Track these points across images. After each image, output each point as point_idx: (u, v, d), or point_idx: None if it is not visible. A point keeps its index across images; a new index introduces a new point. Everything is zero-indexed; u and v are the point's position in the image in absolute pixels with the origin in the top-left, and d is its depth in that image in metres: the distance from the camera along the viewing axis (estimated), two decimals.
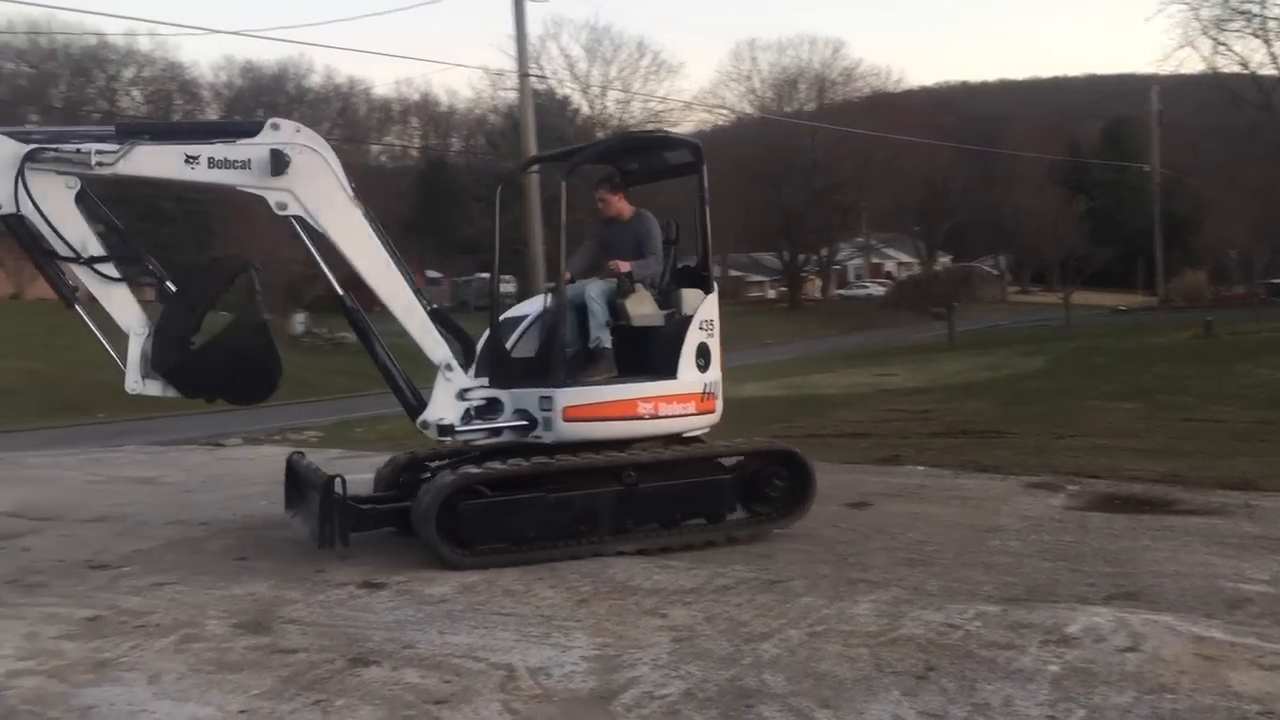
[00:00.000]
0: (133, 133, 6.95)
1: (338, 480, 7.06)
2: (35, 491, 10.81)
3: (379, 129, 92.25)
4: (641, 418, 7.63)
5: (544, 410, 7.42)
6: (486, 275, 8.80)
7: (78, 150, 6.71)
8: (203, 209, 65.28)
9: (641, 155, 8.87)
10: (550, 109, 56.64)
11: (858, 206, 70.68)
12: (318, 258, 7.26)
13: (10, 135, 6.71)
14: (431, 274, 66.53)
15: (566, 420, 7.38)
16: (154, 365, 6.93)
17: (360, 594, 6.41)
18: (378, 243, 7.33)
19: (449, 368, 7.49)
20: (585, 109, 64.93)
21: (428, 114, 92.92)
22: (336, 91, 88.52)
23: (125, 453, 15.64)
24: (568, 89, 63.95)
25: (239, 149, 6.97)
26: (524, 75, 26.32)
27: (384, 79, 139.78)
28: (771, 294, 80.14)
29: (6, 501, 9.99)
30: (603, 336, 7.69)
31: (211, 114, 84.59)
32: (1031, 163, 63.55)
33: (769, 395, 22.29)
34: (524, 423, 7.49)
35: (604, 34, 64.91)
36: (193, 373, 7.03)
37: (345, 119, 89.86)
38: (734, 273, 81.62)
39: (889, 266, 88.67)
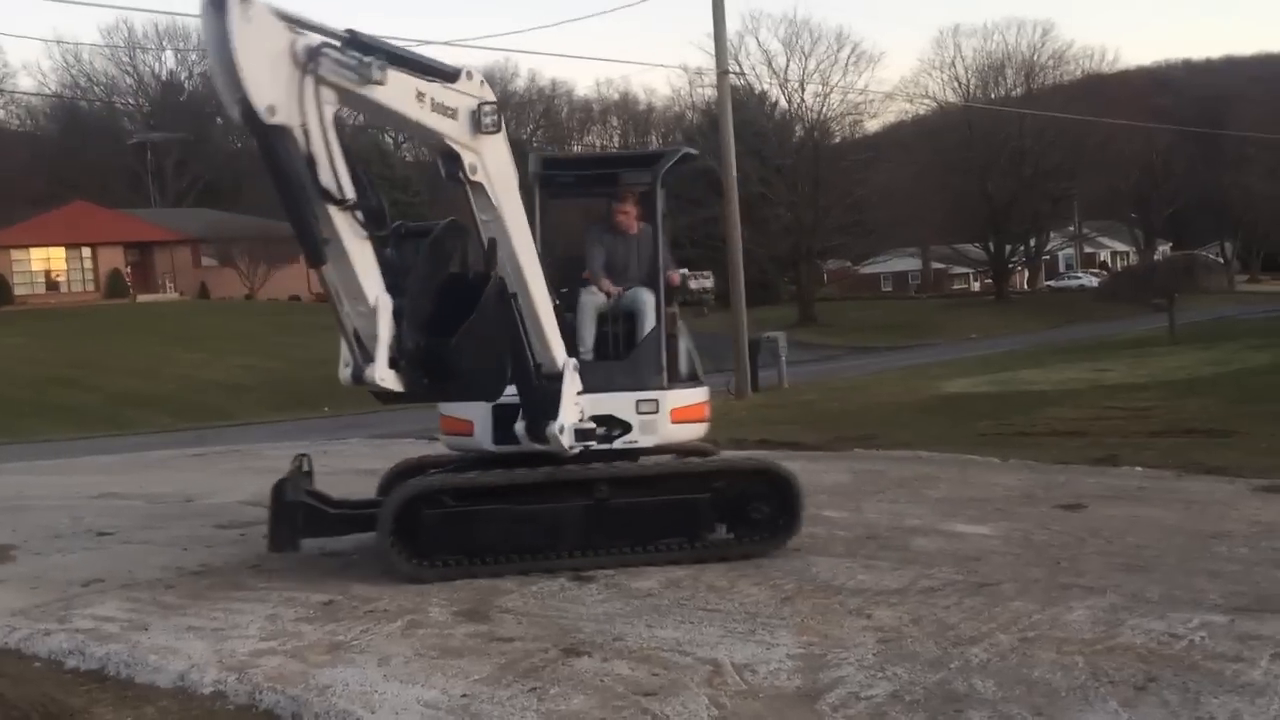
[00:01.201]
0: (369, 49, 5.57)
1: (289, 485, 7.03)
2: (271, 482, 11.55)
3: (580, 129, 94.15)
4: (705, 421, 7.82)
5: (644, 413, 7.34)
6: (684, 271, 8.36)
7: (359, 60, 5.44)
8: (416, 211, 68.25)
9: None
10: (748, 104, 56.60)
11: (1069, 194, 67.88)
12: (481, 236, 6.49)
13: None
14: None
15: (673, 423, 7.42)
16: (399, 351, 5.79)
17: (570, 586, 6.62)
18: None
19: (575, 369, 7.10)
20: (783, 103, 64.58)
21: (627, 113, 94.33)
22: (540, 94, 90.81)
23: (350, 445, 16.52)
24: (765, 84, 63.73)
25: (452, 95, 6.06)
26: (723, 72, 26.38)
27: (585, 81, 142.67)
28: (976, 286, 77.86)
29: (247, 491, 10.72)
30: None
31: None
32: (1262, 144, 59.62)
33: (975, 391, 21.73)
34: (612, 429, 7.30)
35: (802, 27, 64.71)
36: (444, 362, 5.92)
37: (548, 120, 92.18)
38: (936, 265, 79.73)
39: (1103, 256, 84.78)
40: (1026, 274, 77.72)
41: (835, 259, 75.52)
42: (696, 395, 7.82)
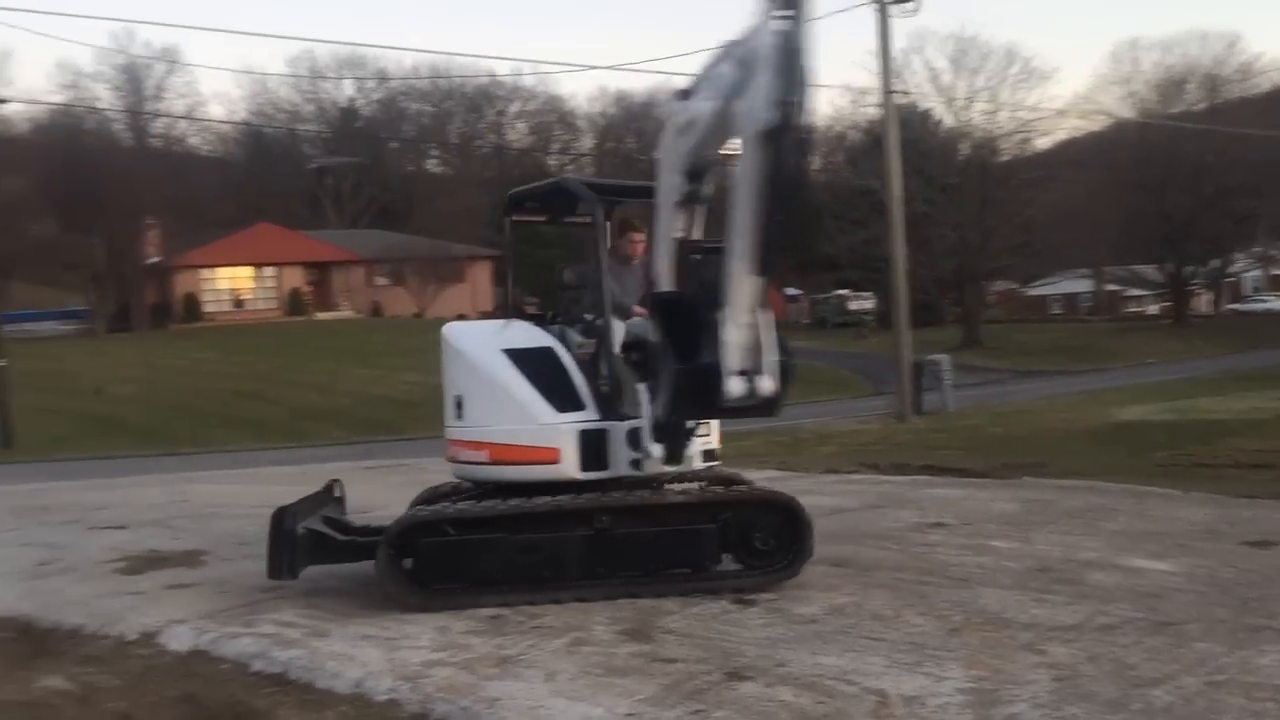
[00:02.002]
0: None
1: (288, 513, 6.98)
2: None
3: None
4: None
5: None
6: (844, 292, 8.13)
7: None
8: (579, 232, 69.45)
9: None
10: (912, 123, 55.63)
11: (1254, 214, 64.45)
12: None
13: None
14: (791, 291, 67.16)
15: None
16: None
17: (733, 609, 6.62)
18: None
19: None
20: (949, 121, 63.29)
21: None
22: None
23: None
24: (931, 102, 62.57)
25: None
26: (888, 92, 26.10)
27: None
28: (1153, 309, 74.57)
29: None
30: None
31: (586, 143, 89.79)
32: None
33: (1151, 419, 20.83)
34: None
35: (970, 44, 62.76)
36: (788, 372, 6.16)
37: None
38: (1109, 287, 76.72)
39: None
40: (1209, 297, 74.09)
41: (1002, 280, 73.47)
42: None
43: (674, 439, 6.75)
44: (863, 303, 65.48)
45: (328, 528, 7.31)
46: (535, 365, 7.18)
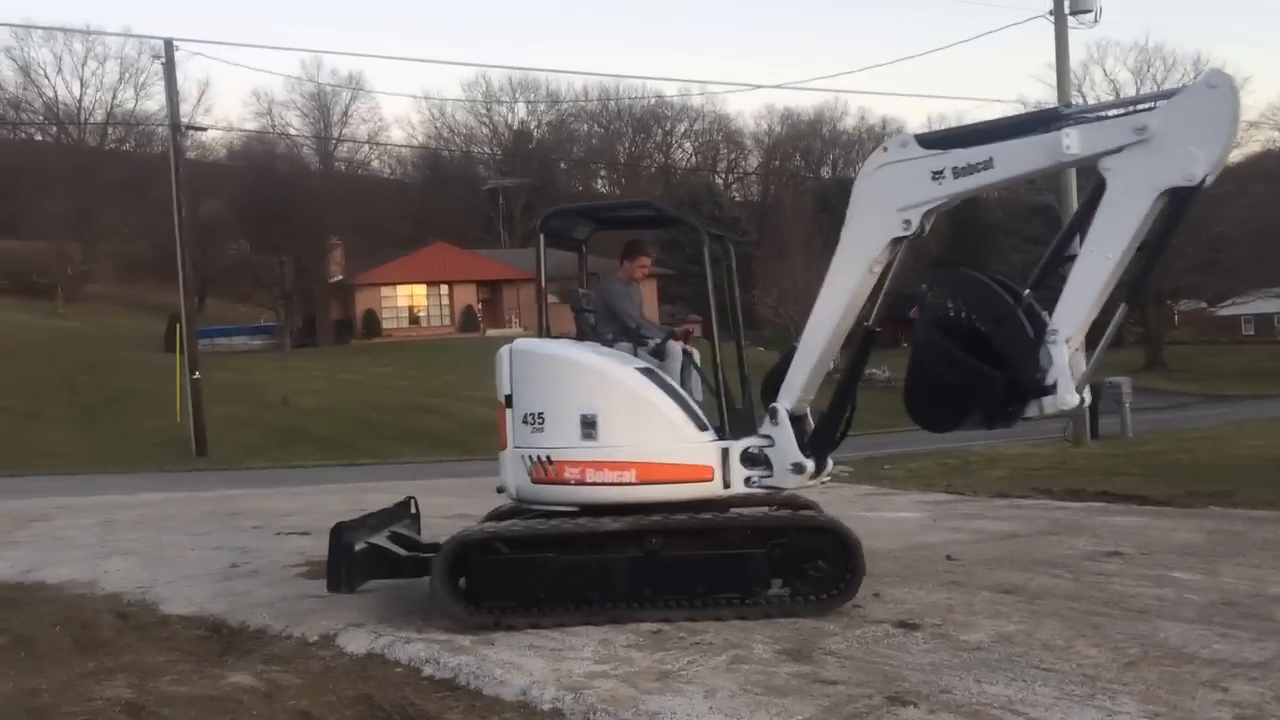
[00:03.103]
0: None
1: (347, 528, 7.05)
2: None
3: None
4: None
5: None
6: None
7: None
8: (743, 251, 69.43)
9: None
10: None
11: None
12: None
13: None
14: None
15: None
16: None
17: (896, 633, 6.53)
18: None
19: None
20: None
21: None
22: (869, 133, 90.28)
23: None
24: None
25: None
26: (1065, 105, 25.28)
27: (917, 117, 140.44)
28: None
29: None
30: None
31: (752, 162, 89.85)
32: None
33: None
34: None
35: (1155, 54, 60.54)
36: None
37: None
38: None
39: None
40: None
41: (1188, 299, 70.12)
42: None
43: (826, 452, 6.99)
44: None
45: (393, 544, 7.47)
46: (662, 384, 7.24)
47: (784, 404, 7.09)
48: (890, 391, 8.00)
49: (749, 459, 7.07)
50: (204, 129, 66.37)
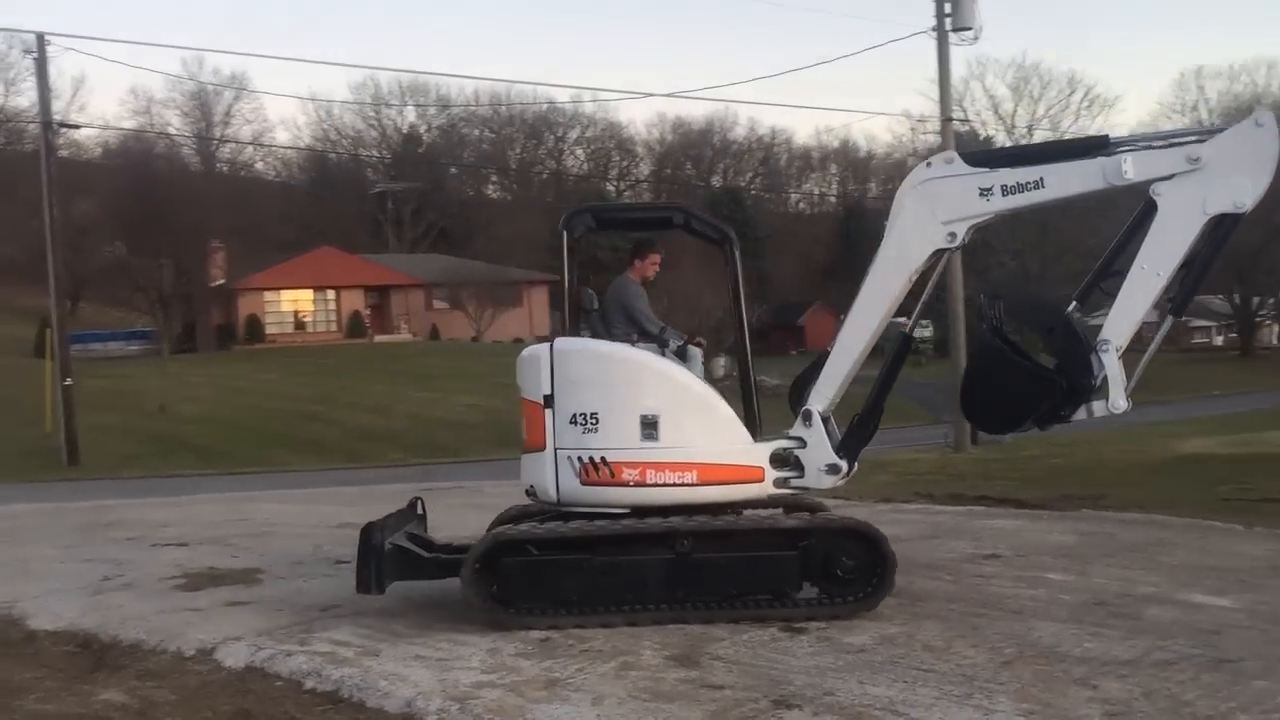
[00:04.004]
0: None
1: (377, 528, 7.09)
2: (489, 519, 11.98)
3: (799, 177, 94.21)
4: None
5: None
6: (902, 320, 8.23)
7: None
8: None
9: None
10: (972, 149, 55.33)
11: None
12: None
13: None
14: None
15: None
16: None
17: (782, 637, 6.60)
18: None
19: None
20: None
21: (846, 160, 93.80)
22: (759, 143, 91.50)
23: None
24: (991, 130, 62.19)
25: None
26: (946, 119, 26.02)
27: (805, 129, 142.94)
28: (1219, 340, 73.20)
29: (471, 527, 11.10)
30: None
31: (644, 170, 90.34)
32: None
33: (1215, 452, 20.41)
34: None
35: (1031, 71, 62.63)
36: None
37: (766, 168, 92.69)
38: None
39: None
40: (1277, 328, 72.62)
41: None
42: None
43: (857, 453, 7.29)
44: (921, 330, 65.07)
45: (413, 544, 7.44)
46: (713, 387, 7.38)
47: (817, 406, 7.26)
48: (778, 398, 8.07)
49: (778, 460, 7.19)
50: (78, 126, 64.15)
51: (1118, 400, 6.92)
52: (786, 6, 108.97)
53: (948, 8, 25.34)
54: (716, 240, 7.43)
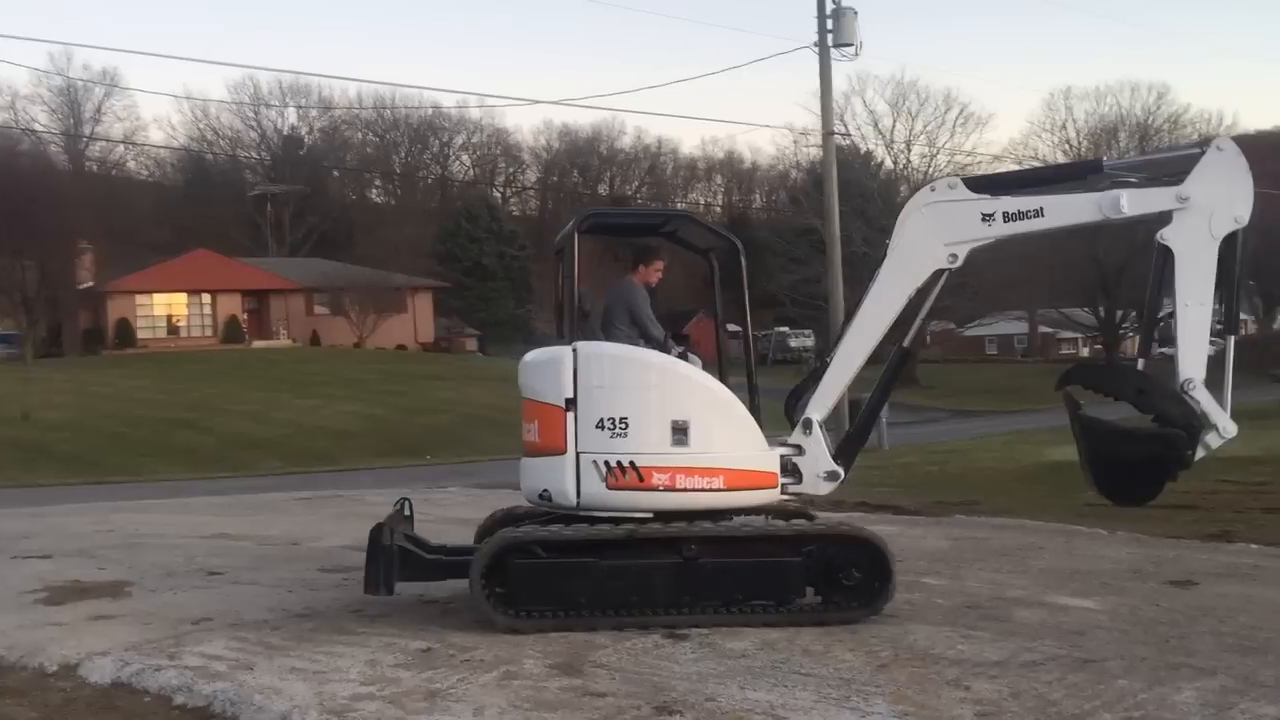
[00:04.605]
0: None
1: (386, 529, 7.21)
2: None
3: (684, 186, 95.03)
4: None
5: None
6: (784, 329, 8.57)
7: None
8: (520, 265, 69.40)
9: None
10: (853, 164, 56.53)
11: None
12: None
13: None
14: (732, 327, 67.50)
15: None
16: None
17: (664, 643, 6.63)
18: None
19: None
20: (888, 163, 64.36)
21: (732, 171, 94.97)
22: (645, 152, 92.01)
23: (450, 494, 16.76)
24: (871, 144, 63.59)
25: None
26: (828, 133, 26.51)
27: (691, 139, 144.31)
28: (1085, 352, 76.03)
29: (350, 536, 10.95)
30: None
31: (531, 177, 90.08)
32: None
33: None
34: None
35: (909, 88, 63.97)
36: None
37: (653, 177, 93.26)
38: (1043, 329, 78.22)
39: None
40: (1138, 340, 75.77)
41: (939, 320, 74.57)
42: None
43: (851, 461, 7.62)
44: (803, 340, 66.08)
45: (413, 546, 7.43)
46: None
47: (816, 415, 7.49)
48: None
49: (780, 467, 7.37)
50: None
51: (1226, 426, 7.33)
52: (674, 18, 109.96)
53: (830, 24, 25.85)
54: (724, 248, 7.84)
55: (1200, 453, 7.36)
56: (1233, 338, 7.62)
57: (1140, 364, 7.78)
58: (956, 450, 23.72)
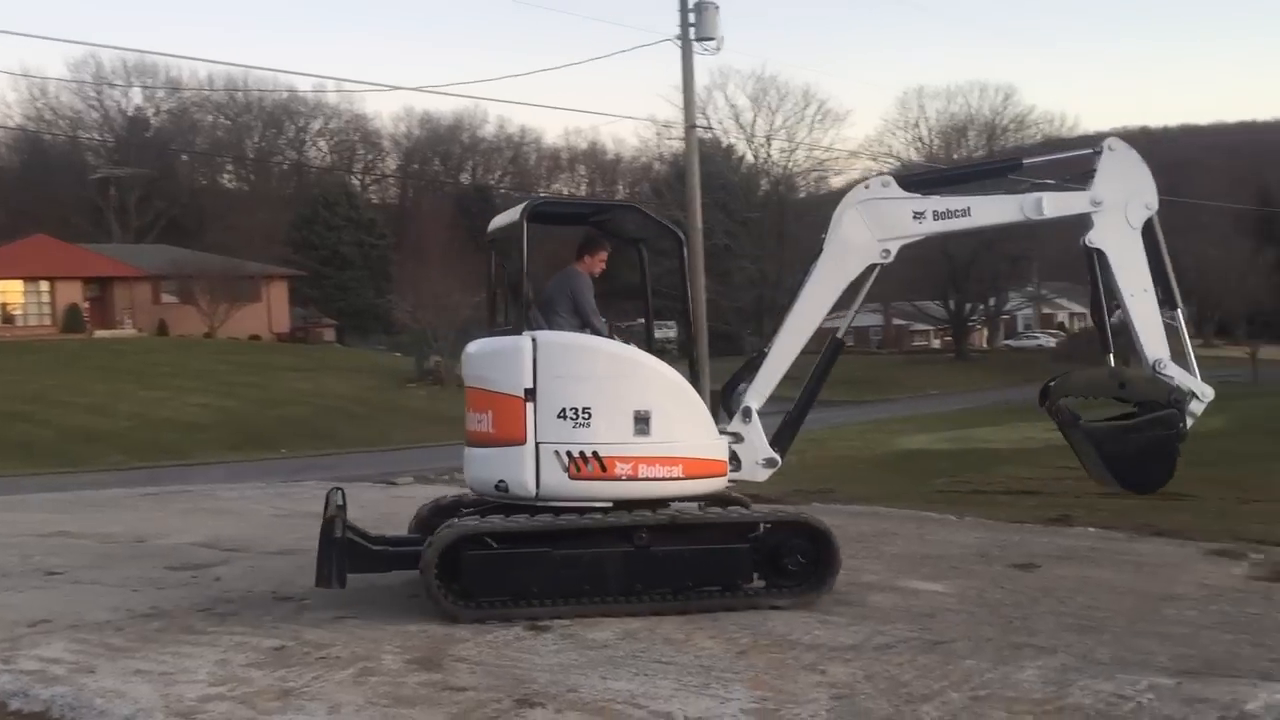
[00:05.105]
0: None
1: (337, 523, 7.16)
2: (225, 524, 11.45)
3: (548, 177, 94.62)
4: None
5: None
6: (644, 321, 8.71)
7: None
8: (380, 254, 68.12)
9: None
10: (715, 158, 57.19)
11: (1028, 255, 68.91)
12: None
13: None
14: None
15: None
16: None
17: (526, 636, 6.60)
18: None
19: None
20: (749, 157, 65.33)
21: (595, 162, 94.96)
22: (508, 141, 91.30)
23: (306, 488, 16.32)
24: (733, 138, 64.45)
25: None
26: (691, 126, 26.69)
27: (554, 129, 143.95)
28: (936, 344, 78.58)
29: (200, 533, 10.61)
30: None
31: (391, 164, 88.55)
32: (1216, 211, 60.81)
33: (933, 448, 21.92)
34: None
35: (770, 84, 65.18)
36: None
37: (516, 167, 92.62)
38: (897, 321, 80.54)
39: (1061, 317, 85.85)
40: (986, 332, 78.57)
41: None
42: None
43: (786, 448, 7.97)
44: (665, 331, 66.66)
45: (357, 537, 7.30)
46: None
47: (754, 403, 7.78)
48: None
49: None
50: None
51: (1204, 390, 7.88)
52: (538, 6, 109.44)
53: (692, 17, 26.03)
54: (669, 239, 8.14)
55: (1189, 421, 7.87)
56: (1179, 310, 8.07)
57: (1110, 361, 8.16)
58: (814, 439, 24.19)
